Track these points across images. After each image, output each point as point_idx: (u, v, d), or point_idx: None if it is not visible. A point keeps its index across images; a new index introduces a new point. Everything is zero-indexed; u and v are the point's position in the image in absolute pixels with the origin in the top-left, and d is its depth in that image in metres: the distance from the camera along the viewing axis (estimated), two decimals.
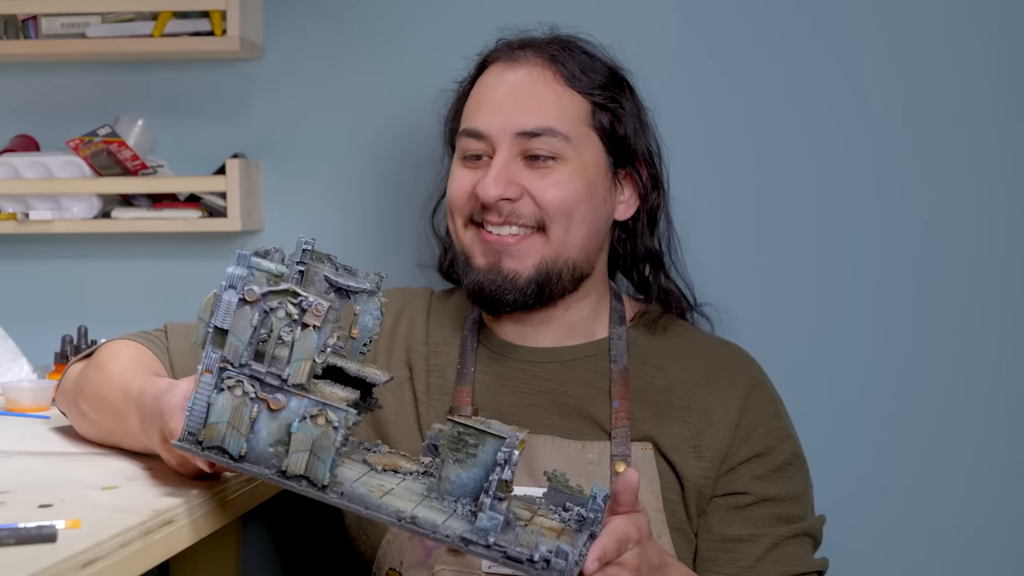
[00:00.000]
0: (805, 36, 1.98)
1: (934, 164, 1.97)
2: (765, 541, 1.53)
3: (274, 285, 1.20)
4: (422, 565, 1.52)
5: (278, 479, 1.20)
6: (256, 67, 2.08)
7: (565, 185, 1.54)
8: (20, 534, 1.06)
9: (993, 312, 1.97)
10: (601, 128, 1.58)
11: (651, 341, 1.63)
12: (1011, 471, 1.97)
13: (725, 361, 1.63)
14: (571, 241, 1.56)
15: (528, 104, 1.55)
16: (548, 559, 1.15)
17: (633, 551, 1.23)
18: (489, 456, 1.19)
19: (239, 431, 1.19)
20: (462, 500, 1.20)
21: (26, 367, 1.94)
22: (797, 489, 1.57)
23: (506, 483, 1.17)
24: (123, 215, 2.03)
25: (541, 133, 1.54)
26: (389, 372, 1.61)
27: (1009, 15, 1.95)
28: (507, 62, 1.60)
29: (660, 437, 1.55)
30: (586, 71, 1.59)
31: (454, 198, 1.59)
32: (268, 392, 1.20)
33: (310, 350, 1.20)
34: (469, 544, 1.17)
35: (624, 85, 1.63)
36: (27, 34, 2.03)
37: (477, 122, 1.57)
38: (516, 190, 1.54)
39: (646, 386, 1.59)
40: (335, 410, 1.19)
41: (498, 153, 1.55)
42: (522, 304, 1.56)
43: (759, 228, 2.00)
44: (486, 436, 1.20)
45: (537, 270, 1.55)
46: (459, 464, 1.20)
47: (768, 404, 1.60)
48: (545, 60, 1.58)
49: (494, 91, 1.58)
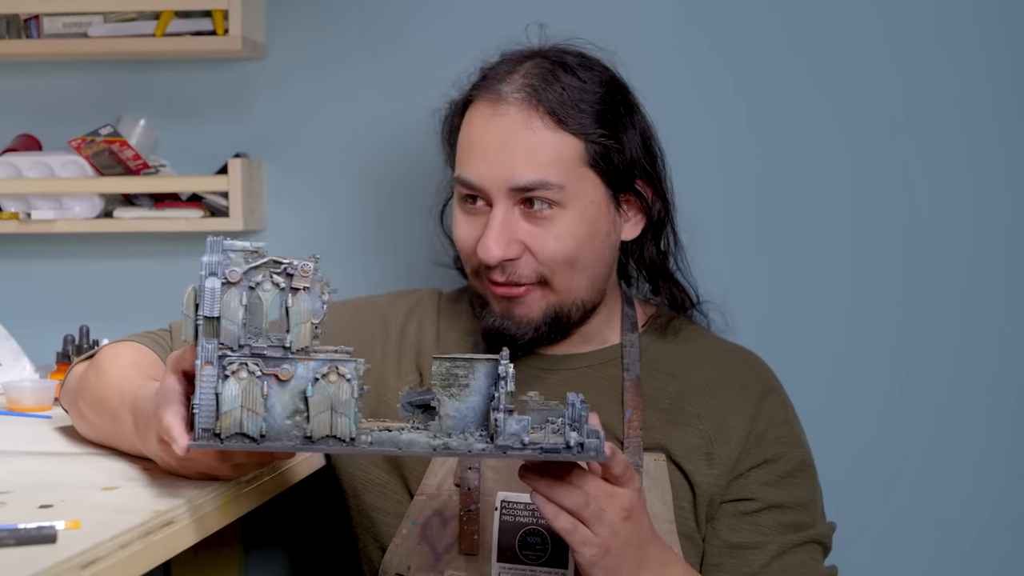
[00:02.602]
0: (807, 35, 1.97)
1: (937, 163, 1.96)
2: (771, 548, 1.52)
3: (253, 261, 1.20)
4: (431, 569, 1.52)
5: (305, 446, 1.21)
6: (258, 67, 2.07)
7: (565, 237, 1.50)
8: (20, 535, 1.06)
9: (997, 311, 1.96)
10: (596, 165, 1.52)
11: (664, 347, 1.62)
12: (1015, 470, 1.97)
13: (738, 368, 1.61)
14: (576, 285, 1.54)
15: (519, 155, 1.49)
16: (583, 443, 1.20)
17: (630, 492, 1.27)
18: (482, 381, 1.24)
19: (255, 412, 1.19)
20: (468, 430, 1.23)
21: (28, 367, 1.94)
22: (806, 496, 1.56)
23: (511, 395, 1.21)
24: (125, 215, 2.03)
25: (535, 187, 1.49)
26: (401, 378, 1.61)
27: (1010, 13, 1.94)
28: (492, 102, 1.51)
29: (672, 445, 1.54)
30: (577, 104, 1.50)
31: (461, 246, 1.57)
32: (273, 365, 1.20)
33: (307, 312, 1.20)
34: (507, 450, 1.20)
35: (619, 104, 1.55)
36: (29, 34, 2.03)
37: (469, 172, 1.52)
38: (516, 248, 1.51)
39: (659, 393, 1.58)
40: (345, 363, 1.20)
41: (495, 208, 1.51)
42: (540, 343, 1.56)
43: (762, 229, 1.99)
44: (476, 362, 1.24)
45: (545, 314, 1.54)
46: (455, 398, 1.24)
47: (779, 410, 1.59)
48: (531, 101, 1.50)
49: (483, 137, 1.52)
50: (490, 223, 1.51)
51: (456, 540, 1.52)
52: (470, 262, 1.56)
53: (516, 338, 1.54)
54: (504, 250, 1.50)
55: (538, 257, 1.51)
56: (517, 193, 1.50)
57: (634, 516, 1.29)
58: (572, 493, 1.25)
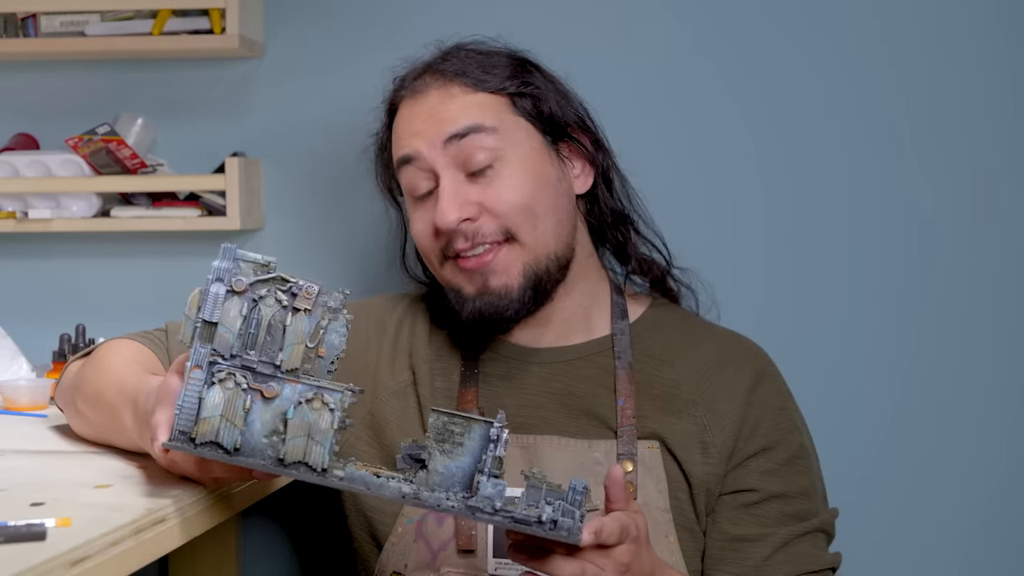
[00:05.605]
0: (806, 32, 1.97)
1: (935, 159, 1.96)
2: (774, 540, 1.52)
3: (261, 275, 1.20)
4: (428, 567, 1.52)
5: (276, 468, 1.20)
6: (256, 65, 2.07)
7: (516, 185, 1.53)
8: (9, 532, 1.05)
9: (996, 307, 1.96)
10: (526, 112, 1.56)
11: (656, 334, 1.62)
12: (1015, 464, 1.97)
13: (732, 352, 1.61)
14: (543, 235, 1.54)
15: (447, 116, 1.54)
16: (556, 520, 1.17)
17: (627, 546, 1.23)
18: (475, 443, 1.20)
19: (233, 423, 1.19)
20: (452, 490, 1.20)
21: (24, 366, 1.93)
22: (807, 484, 1.56)
23: (499, 460, 1.18)
24: (122, 214, 2.03)
25: (467, 132, 1.52)
26: (395, 377, 1.62)
27: (1009, 11, 1.94)
28: (412, 95, 1.58)
29: (667, 434, 1.54)
30: (488, 70, 1.56)
31: (421, 240, 1.58)
32: (261, 382, 1.19)
33: (303, 334, 1.19)
34: (476, 512, 1.18)
35: (529, 66, 1.61)
36: (26, 32, 2.03)
37: (404, 148, 1.56)
38: (472, 208, 1.52)
39: (652, 380, 1.58)
40: (331, 392, 1.19)
41: (442, 179, 1.53)
42: (524, 313, 1.55)
43: (761, 225, 1.99)
44: (472, 423, 1.20)
45: (524, 276, 1.53)
46: (446, 455, 1.21)
47: (774, 396, 1.59)
48: (447, 78, 1.56)
49: (411, 123, 1.57)
50: (440, 193, 1.53)
51: (453, 537, 1.52)
52: (433, 250, 1.57)
53: (502, 314, 1.54)
54: (459, 211, 1.52)
55: (495, 211, 1.52)
56: (455, 150, 1.52)
57: (633, 567, 1.25)
58: (567, 564, 1.21)
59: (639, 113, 1.97)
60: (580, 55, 1.65)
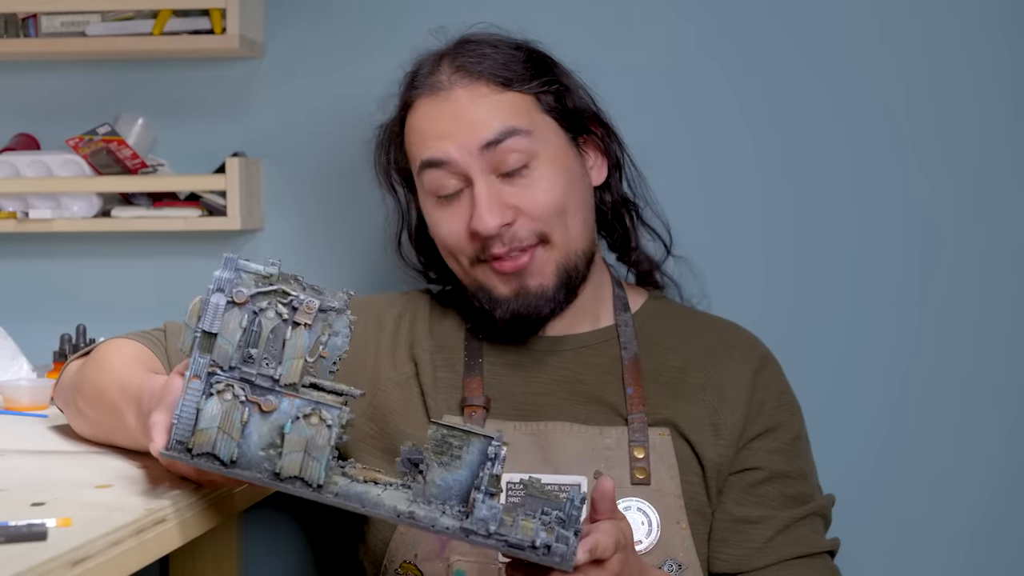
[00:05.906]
0: (807, 31, 1.98)
1: (936, 159, 1.96)
2: (775, 523, 1.53)
3: (263, 286, 1.19)
4: (437, 557, 1.52)
5: (272, 482, 1.19)
6: (256, 65, 2.07)
7: (549, 187, 1.53)
8: (10, 532, 1.05)
9: (996, 306, 1.96)
10: (550, 109, 1.56)
11: (659, 323, 1.64)
12: (1015, 463, 1.97)
13: (735, 338, 1.65)
14: (574, 234, 1.55)
15: (478, 119, 1.52)
16: (549, 545, 1.16)
17: (618, 556, 1.23)
18: (474, 457, 1.19)
19: (230, 436, 1.18)
20: (448, 503, 1.20)
21: (25, 366, 1.93)
22: (807, 467, 1.59)
23: (496, 478, 1.17)
24: (123, 214, 2.03)
25: (504, 137, 1.51)
26: (396, 369, 1.61)
27: (1009, 11, 1.94)
28: (433, 92, 1.55)
29: (678, 419, 1.55)
30: (509, 66, 1.55)
31: (450, 242, 1.56)
32: (259, 394, 1.19)
33: (302, 349, 1.19)
34: (470, 534, 1.17)
35: (544, 59, 1.60)
36: (27, 32, 2.03)
37: (435, 152, 1.53)
38: (510, 213, 1.52)
39: (660, 367, 1.59)
40: (329, 408, 1.18)
41: (476, 182, 1.52)
42: (559, 311, 1.56)
43: (761, 224, 1.99)
44: (471, 436, 1.19)
45: (558, 275, 1.54)
46: (444, 467, 1.20)
47: (776, 380, 1.62)
48: (470, 76, 1.54)
49: (436, 123, 1.54)
50: (476, 198, 1.52)
51: None
52: (465, 252, 1.56)
53: (540, 314, 1.55)
54: (500, 216, 1.51)
55: (532, 214, 1.52)
56: (490, 155, 1.51)
57: (623, 573, 1.24)
58: None
59: (641, 113, 1.97)
60: (581, 55, 1.65)
